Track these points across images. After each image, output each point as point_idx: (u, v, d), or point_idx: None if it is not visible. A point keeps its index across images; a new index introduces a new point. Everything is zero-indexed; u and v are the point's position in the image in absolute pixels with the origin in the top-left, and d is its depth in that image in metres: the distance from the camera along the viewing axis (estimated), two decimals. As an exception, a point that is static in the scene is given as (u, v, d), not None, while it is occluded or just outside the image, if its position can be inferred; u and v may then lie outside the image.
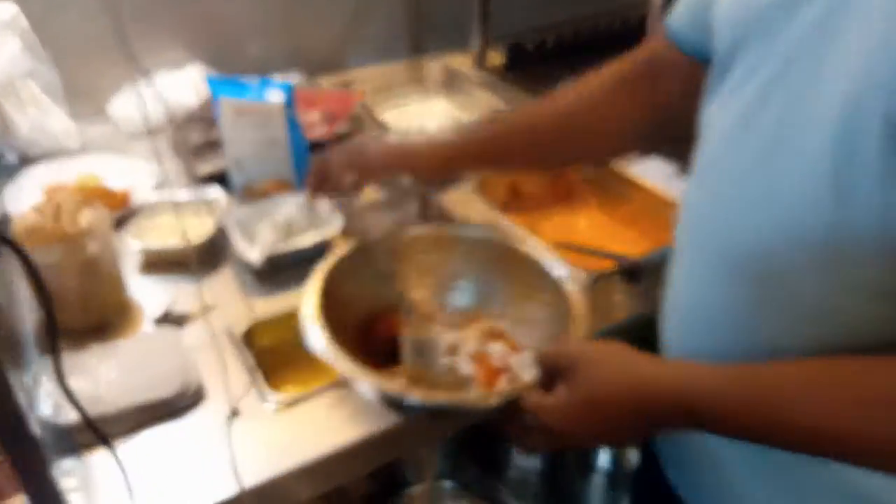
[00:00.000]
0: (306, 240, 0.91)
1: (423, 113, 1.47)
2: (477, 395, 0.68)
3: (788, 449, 0.50)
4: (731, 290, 0.54)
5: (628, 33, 1.10)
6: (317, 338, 0.67)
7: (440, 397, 0.66)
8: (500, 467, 1.33)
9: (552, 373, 0.59)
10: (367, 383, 0.63)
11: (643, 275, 0.91)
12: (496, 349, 0.76)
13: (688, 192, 0.61)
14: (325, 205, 0.95)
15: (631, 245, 1.12)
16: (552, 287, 0.75)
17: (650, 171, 1.15)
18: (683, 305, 0.61)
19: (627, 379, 0.54)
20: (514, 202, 1.17)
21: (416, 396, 0.63)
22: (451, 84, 1.51)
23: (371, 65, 1.54)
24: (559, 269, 0.77)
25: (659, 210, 1.08)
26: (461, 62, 1.54)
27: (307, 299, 0.71)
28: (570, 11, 1.68)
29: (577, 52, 1.56)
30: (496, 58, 1.53)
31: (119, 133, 1.24)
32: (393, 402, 0.68)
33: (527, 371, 0.68)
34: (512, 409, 0.60)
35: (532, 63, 1.52)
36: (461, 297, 0.82)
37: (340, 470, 0.71)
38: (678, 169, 1.15)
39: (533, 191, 1.19)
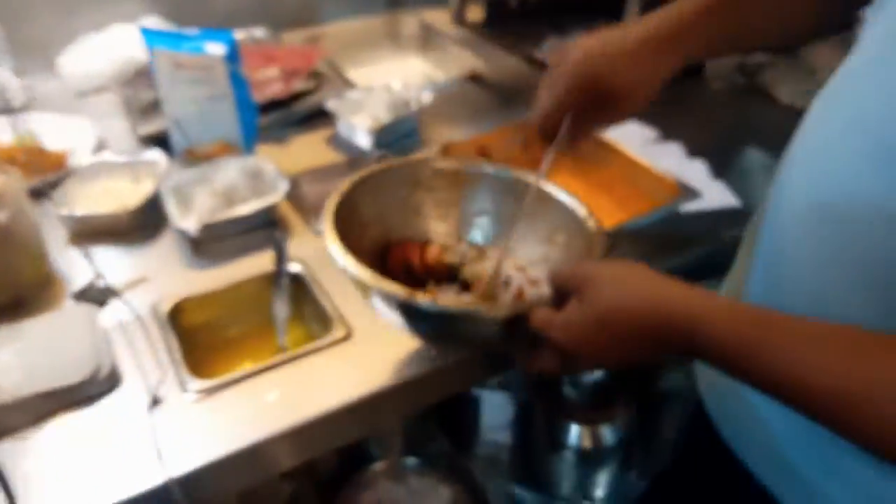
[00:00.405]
0: (247, 207, 0.84)
1: (396, 71, 1.39)
2: (488, 306, 0.64)
3: (778, 399, 0.46)
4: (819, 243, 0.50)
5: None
6: (335, 249, 0.63)
7: (451, 304, 0.63)
8: (469, 443, 1.28)
9: (564, 292, 0.56)
10: (387, 291, 0.59)
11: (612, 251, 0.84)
12: (517, 277, 0.72)
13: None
14: (273, 170, 0.88)
15: (606, 214, 1.05)
16: (572, 227, 0.70)
17: (628, 136, 1.07)
18: (771, 258, 0.57)
19: (640, 298, 0.51)
20: (483, 168, 1.09)
21: (429, 301, 0.59)
22: (427, 41, 1.43)
23: (345, 20, 1.45)
24: (580, 209, 0.71)
25: (636, 177, 1.01)
26: (439, 18, 1.45)
27: (326, 214, 0.66)
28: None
29: (559, 10, 1.46)
30: (476, 13, 1.44)
31: (67, 91, 1.17)
32: (409, 311, 0.62)
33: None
34: (520, 328, 0.57)
35: (513, 20, 1.43)
36: (480, 233, 0.78)
37: (280, 455, 0.66)
38: (659, 134, 1.07)
39: (503, 158, 1.11)
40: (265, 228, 0.86)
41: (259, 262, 0.82)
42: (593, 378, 1.19)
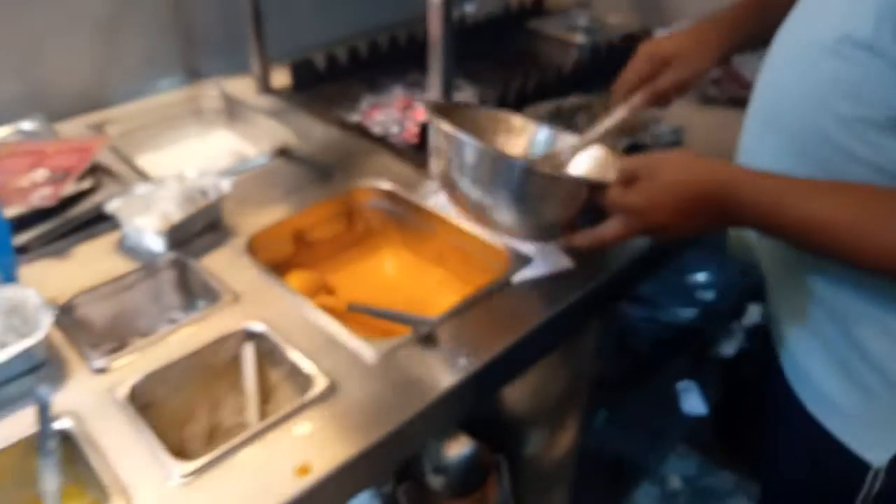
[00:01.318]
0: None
1: (200, 150, 1.25)
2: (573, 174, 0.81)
3: (800, 238, 0.64)
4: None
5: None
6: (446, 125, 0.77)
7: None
8: None
9: (633, 177, 0.70)
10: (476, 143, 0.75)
11: (439, 340, 0.76)
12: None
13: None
14: (36, 301, 0.73)
15: (443, 288, 0.97)
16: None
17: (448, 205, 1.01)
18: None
19: (696, 174, 0.67)
20: (302, 253, 0.98)
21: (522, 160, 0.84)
22: (232, 114, 1.30)
23: (137, 99, 1.30)
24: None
25: (466, 246, 0.94)
26: (244, 87, 1.33)
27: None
28: (364, 23, 1.52)
29: (374, 65, 1.39)
30: (283, 78, 1.34)
31: None
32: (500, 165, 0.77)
33: None
34: (596, 200, 0.74)
35: (324, 81, 1.34)
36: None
37: None
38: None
39: (324, 236, 1.01)
40: (28, 376, 0.71)
41: (20, 423, 0.66)
42: (458, 459, 1.10)
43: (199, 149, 1.26)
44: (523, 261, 0.86)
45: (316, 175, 1.08)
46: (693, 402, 1.55)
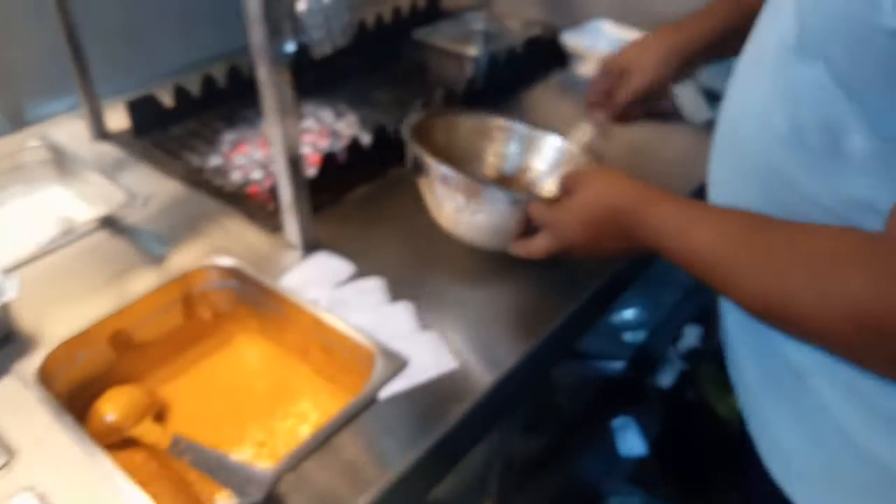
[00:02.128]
0: None
1: (25, 212, 1.02)
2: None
3: (690, 270, 0.58)
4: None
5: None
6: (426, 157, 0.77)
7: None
8: None
9: (565, 191, 0.70)
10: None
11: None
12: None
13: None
14: None
15: (307, 389, 0.78)
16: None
17: (321, 275, 0.81)
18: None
19: (610, 196, 0.65)
20: (127, 360, 0.78)
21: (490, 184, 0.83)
22: (61, 166, 1.08)
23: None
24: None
25: (327, 339, 0.75)
26: (76, 131, 1.11)
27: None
28: (221, 46, 1.30)
29: (234, 96, 1.18)
30: (121, 120, 1.11)
31: None
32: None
33: None
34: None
35: (171, 121, 1.12)
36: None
37: None
38: (356, 270, 0.82)
39: (155, 334, 0.80)
40: None
41: None
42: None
43: (21, 213, 1.03)
44: (395, 363, 0.68)
45: (148, 252, 0.87)
46: (631, 442, 1.41)
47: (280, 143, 0.75)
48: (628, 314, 1.18)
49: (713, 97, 1.13)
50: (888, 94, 0.47)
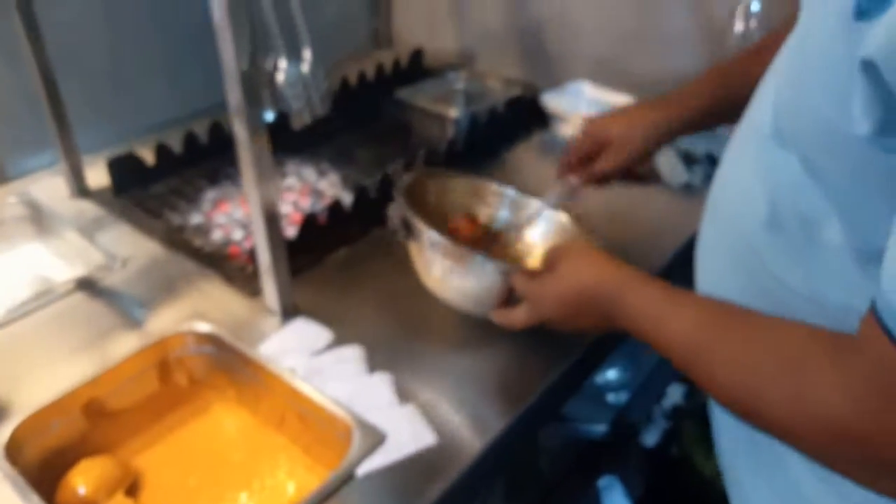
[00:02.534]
0: None
1: (2, 271, 1.01)
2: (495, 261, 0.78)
3: (667, 356, 0.57)
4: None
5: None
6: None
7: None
8: None
9: (547, 266, 0.70)
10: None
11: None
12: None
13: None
14: None
15: (283, 462, 0.77)
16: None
17: (298, 342, 0.81)
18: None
19: (587, 277, 0.65)
20: (99, 430, 0.76)
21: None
22: (39, 223, 1.07)
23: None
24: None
25: (303, 410, 0.74)
26: (55, 189, 1.10)
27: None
28: (204, 101, 1.30)
29: (216, 153, 1.18)
30: (101, 177, 1.11)
31: None
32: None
33: None
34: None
35: (152, 178, 1.12)
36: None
37: None
38: (334, 338, 0.81)
39: (130, 402, 0.79)
40: None
41: None
42: None
43: (3, 269, 1.02)
44: (372, 438, 0.67)
45: (125, 315, 0.86)
46: (616, 502, 1.40)
47: (258, 208, 0.76)
48: (611, 374, 1.18)
49: (690, 160, 1.15)
50: (861, 198, 0.47)
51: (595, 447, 1.19)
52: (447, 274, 0.77)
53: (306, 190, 1.15)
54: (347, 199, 1.04)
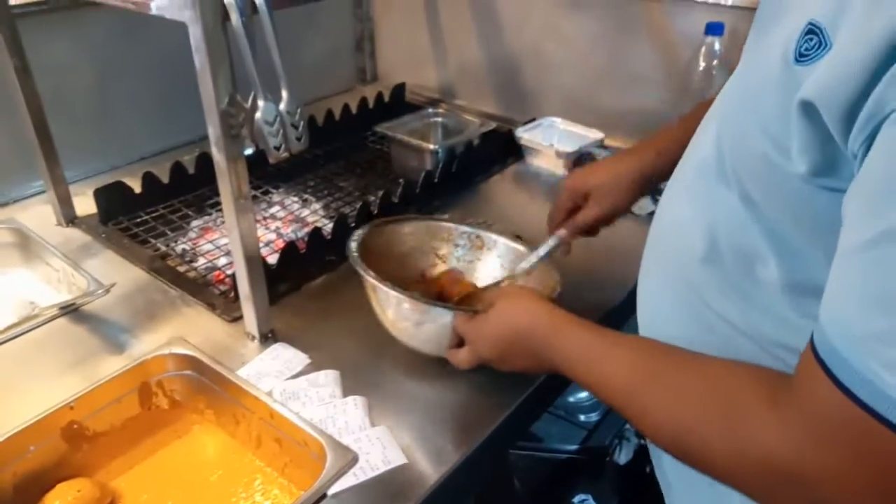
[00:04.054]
0: None
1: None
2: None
3: (595, 394, 0.59)
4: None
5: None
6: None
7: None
8: None
9: (488, 305, 0.73)
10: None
11: None
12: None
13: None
14: None
15: (259, 484, 0.79)
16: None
17: (279, 365, 0.84)
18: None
19: (521, 319, 0.68)
20: (79, 453, 0.78)
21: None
22: (27, 249, 1.10)
23: None
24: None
25: (278, 430, 0.77)
26: (41, 215, 1.13)
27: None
28: (191, 133, 1.35)
29: (202, 182, 1.22)
30: (90, 203, 1.14)
31: None
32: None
33: None
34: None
35: (140, 206, 1.16)
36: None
37: None
38: (311, 361, 0.85)
39: (110, 425, 0.81)
40: None
41: None
42: None
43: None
44: (345, 459, 0.70)
45: (108, 340, 0.89)
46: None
47: (237, 239, 0.79)
48: (583, 394, 1.21)
49: (656, 191, 1.20)
50: (797, 234, 0.48)
51: (568, 466, 1.22)
52: (399, 320, 0.82)
53: (290, 218, 1.19)
54: (328, 228, 1.08)
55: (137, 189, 1.16)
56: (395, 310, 0.82)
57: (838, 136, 0.41)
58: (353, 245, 0.86)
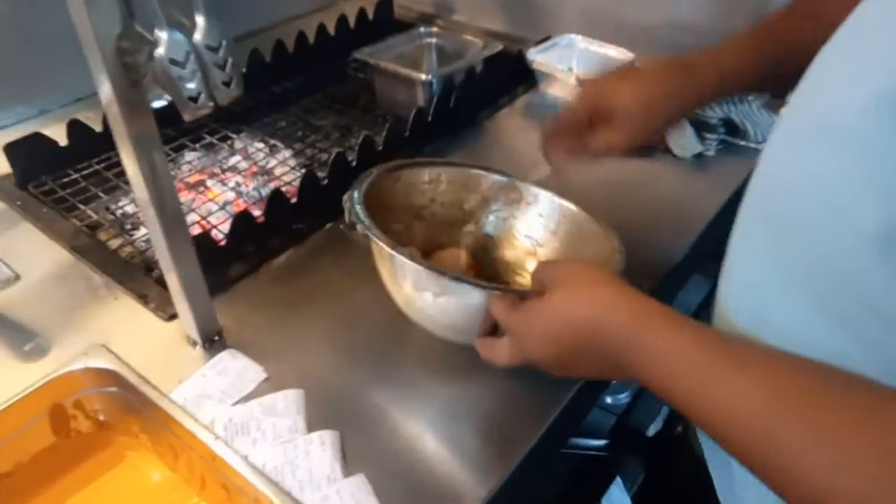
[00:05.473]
0: None
1: None
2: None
3: (701, 425, 0.42)
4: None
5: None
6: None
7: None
8: None
9: (533, 290, 0.55)
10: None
11: None
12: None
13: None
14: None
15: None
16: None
17: (208, 396, 0.65)
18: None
19: (593, 310, 0.49)
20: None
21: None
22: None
23: None
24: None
25: (225, 478, 0.59)
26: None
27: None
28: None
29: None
30: (3, 164, 0.93)
31: None
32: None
33: None
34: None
35: (69, 162, 0.94)
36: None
37: None
38: (266, 378, 0.66)
39: (17, 461, 0.63)
40: None
41: None
42: None
43: None
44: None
45: (12, 348, 0.70)
46: (615, 496, 1.28)
47: (152, 210, 0.59)
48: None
49: (703, 128, 0.97)
50: None
51: (597, 461, 1.06)
52: (419, 294, 0.61)
53: (253, 170, 0.98)
54: (296, 181, 0.87)
55: (63, 141, 0.94)
56: (411, 282, 0.62)
57: None
58: (356, 195, 0.65)
